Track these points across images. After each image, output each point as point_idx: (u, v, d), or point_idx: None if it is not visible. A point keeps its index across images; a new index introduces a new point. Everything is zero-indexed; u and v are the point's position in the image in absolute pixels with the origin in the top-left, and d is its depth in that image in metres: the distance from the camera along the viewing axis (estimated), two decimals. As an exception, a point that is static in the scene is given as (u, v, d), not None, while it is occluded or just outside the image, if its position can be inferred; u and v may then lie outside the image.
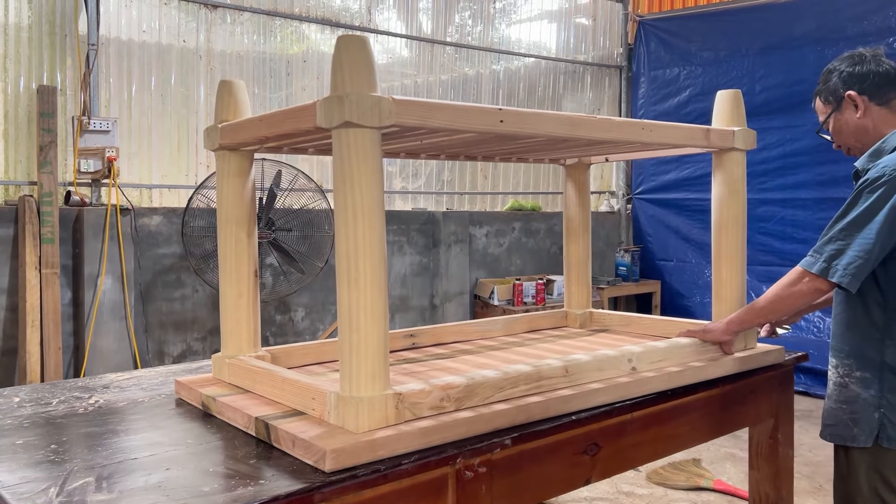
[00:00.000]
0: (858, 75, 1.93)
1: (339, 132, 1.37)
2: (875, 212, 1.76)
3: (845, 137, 2.00)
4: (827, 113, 2.01)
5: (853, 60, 1.96)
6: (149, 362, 4.50)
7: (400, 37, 5.99)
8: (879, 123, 1.93)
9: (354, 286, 1.39)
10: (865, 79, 1.92)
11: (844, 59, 1.98)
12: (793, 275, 1.87)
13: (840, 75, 1.96)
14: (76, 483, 1.26)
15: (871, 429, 1.86)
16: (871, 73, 1.92)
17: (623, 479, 3.78)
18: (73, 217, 4.30)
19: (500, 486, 1.51)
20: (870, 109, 1.93)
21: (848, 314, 1.92)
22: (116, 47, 4.68)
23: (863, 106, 1.93)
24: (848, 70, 1.95)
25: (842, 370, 1.93)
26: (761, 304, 1.93)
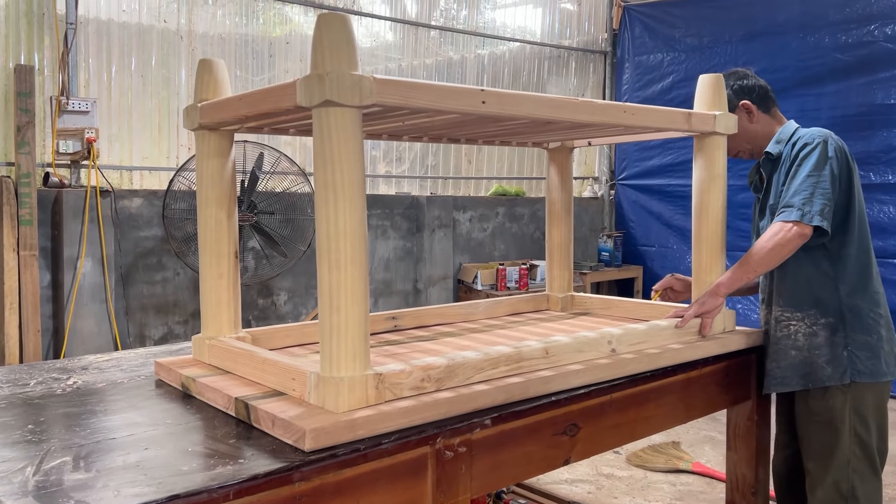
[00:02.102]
0: (747, 88, 2.27)
1: (319, 111, 1.36)
2: (821, 166, 2.03)
3: (738, 141, 2.26)
4: None
5: (738, 76, 2.29)
6: (130, 345, 4.47)
7: (384, 19, 5.94)
8: (766, 127, 2.27)
9: (335, 266, 1.39)
10: (753, 91, 2.27)
11: (730, 76, 2.28)
12: (773, 229, 2.02)
13: (731, 88, 2.25)
14: (53, 462, 1.25)
15: (843, 367, 2.07)
16: (756, 86, 2.27)
17: (603, 461, 3.82)
18: (51, 199, 4.25)
19: (480, 466, 1.52)
20: (758, 116, 2.27)
21: (803, 269, 2.12)
22: (96, 27, 4.60)
23: (755, 113, 2.26)
24: (739, 84, 2.27)
25: (808, 321, 2.12)
26: (749, 258, 2.05)
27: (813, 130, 2.16)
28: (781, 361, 2.16)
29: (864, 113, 5.42)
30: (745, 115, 2.25)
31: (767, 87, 2.31)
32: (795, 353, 2.13)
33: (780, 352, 2.16)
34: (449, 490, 1.46)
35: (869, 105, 5.39)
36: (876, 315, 2.13)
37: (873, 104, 5.37)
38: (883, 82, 5.33)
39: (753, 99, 2.27)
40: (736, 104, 2.26)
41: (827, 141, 2.09)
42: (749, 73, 2.33)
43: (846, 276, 2.11)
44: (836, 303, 2.10)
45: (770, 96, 2.32)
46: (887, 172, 5.32)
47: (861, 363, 2.08)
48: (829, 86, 5.58)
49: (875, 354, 2.10)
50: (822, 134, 2.12)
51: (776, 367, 2.17)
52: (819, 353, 2.10)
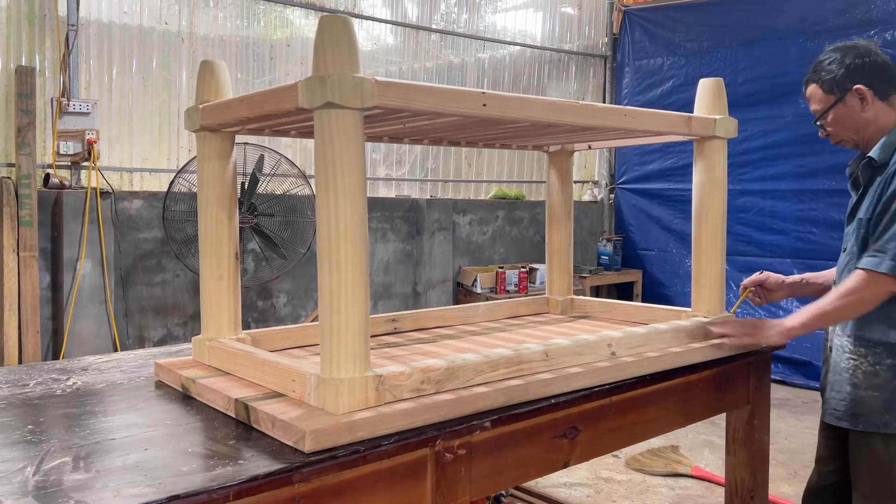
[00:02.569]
0: (867, 69, 1.93)
1: (320, 113, 1.37)
2: None
3: (844, 130, 2.00)
4: (828, 103, 1.98)
5: (858, 52, 1.94)
6: (129, 347, 4.47)
7: (385, 22, 5.95)
8: (880, 117, 1.95)
9: (336, 268, 1.39)
10: (872, 73, 1.93)
11: (848, 50, 1.96)
12: (860, 279, 1.81)
13: (847, 67, 1.94)
14: (53, 463, 1.25)
15: None
16: (876, 68, 1.94)
17: (602, 465, 3.82)
18: (51, 200, 4.25)
19: (480, 469, 1.52)
20: (874, 104, 1.94)
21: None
22: (97, 29, 4.61)
23: (869, 100, 1.94)
24: (856, 63, 1.93)
25: (871, 358, 1.90)
26: (829, 309, 1.84)
27: None
28: (837, 395, 1.98)
29: (863, 118, 5.42)
30: (857, 101, 1.95)
31: (890, 69, 1.98)
32: (851, 391, 1.94)
33: (838, 384, 1.97)
34: (448, 492, 1.46)
35: (868, 110, 5.39)
36: None
37: (873, 109, 5.37)
38: (882, 88, 5.33)
39: (872, 82, 1.94)
40: (848, 87, 1.95)
41: None
42: (872, 47, 1.98)
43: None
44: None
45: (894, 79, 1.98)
46: (886, 177, 5.32)
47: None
48: (828, 91, 5.59)
49: None
50: None
51: (832, 398, 2.00)
52: (878, 396, 1.90)
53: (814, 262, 5.61)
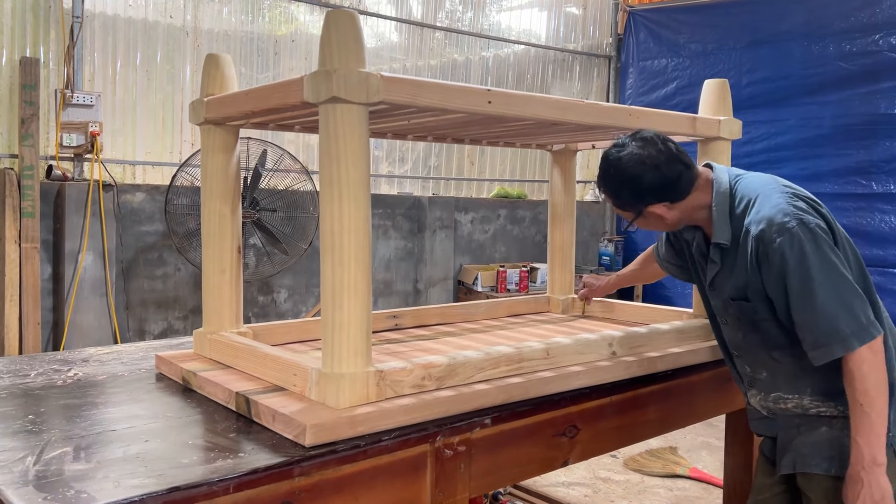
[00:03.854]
0: (653, 188, 1.66)
1: (326, 107, 1.37)
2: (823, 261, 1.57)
3: (659, 229, 1.80)
4: (630, 217, 1.75)
5: (643, 171, 1.66)
6: (129, 340, 4.47)
7: (390, 19, 5.95)
8: (692, 207, 1.72)
9: (339, 263, 1.39)
10: (662, 189, 1.67)
11: (632, 172, 1.66)
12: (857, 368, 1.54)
13: (633, 191, 1.68)
14: (54, 453, 1.25)
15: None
16: (665, 181, 1.66)
17: (600, 465, 3.82)
18: (54, 191, 4.25)
19: (479, 465, 1.52)
20: (674, 208, 1.71)
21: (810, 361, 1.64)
22: (102, 21, 4.61)
23: (665, 210, 1.70)
24: (641, 186, 1.66)
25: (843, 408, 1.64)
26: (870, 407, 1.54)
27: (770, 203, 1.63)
28: (807, 437, 1.69)
29: (867, 122, 5.42)
30: (656, 215, 1.71)
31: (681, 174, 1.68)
32: (826, 431, 1.67)
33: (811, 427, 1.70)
34: (447, 489, 1.46)
35: (872, 114, 5.39)
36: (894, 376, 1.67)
37: (876, 113, 5.37)
38: (886, 92, 5.33)
39: (664, 196, 1.68)
40: (641, 209, 1.70)
41: (801, 218, 1.59)
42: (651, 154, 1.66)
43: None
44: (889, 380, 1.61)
45: (686, 173, 1.69)
46: (889, 182, 5.33)
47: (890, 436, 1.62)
48: (832, 94, 5.59)
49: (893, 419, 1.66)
50: (783, 210, 1.61)
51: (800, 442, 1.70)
52: None
53: (815, 265, 5.61)
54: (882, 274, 5.33)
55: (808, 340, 1.58)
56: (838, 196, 5.55)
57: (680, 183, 1.68)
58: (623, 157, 1.67)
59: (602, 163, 1.73)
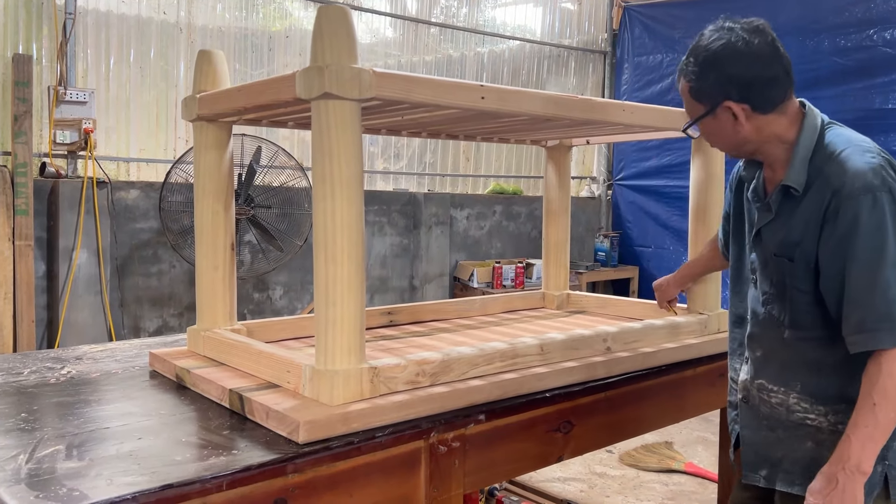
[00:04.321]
0: (742, 81, 1.48)
1: (318, 103, 1.36)
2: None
3: (720, 144, 1.60)
4: (697, 113, 1.55)
5: (741, 60, 1.47)
6: (124, 337, 4.46)
7: (384, 15, 5.93)
8: (768, 129, 1.52)
9: (332, 260, 1.39)
10: (749, 86, 1.48)
11: (730, 55, 1.48)
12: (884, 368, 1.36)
13: (719, 77, 1.49)
14: (46, 450, 1.25)
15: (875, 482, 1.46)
16: (756, 79, 1.48)
17: (596, 460, 3.83)
18: (48, 189, 4.23)
19: (473, 461, 1.52)
20: (752, 119, 1.50)
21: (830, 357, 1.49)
22: (94, 18, 4.59)
23: (743, 116, 1.50)
24: (729, 73, 1.48)
25: (833, 417, 1.50)
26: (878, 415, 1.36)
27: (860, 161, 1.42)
28: (792, 452, 1.54)
29: (861, 117, 5.43)
30: (729, 117, 1.51)
31: (779, 77, 1.50)
32: (812, 448, 1.51)
33: (795, 439, 1.54)
34: (442, 484, 1.46)
35: (867, 109, 5.40)
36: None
37: (871, 108, 5.38)
38: (881, 87, 5.34)
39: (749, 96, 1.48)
40: (719, 101, 1.49)
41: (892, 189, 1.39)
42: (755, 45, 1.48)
43: None
44: None
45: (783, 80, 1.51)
46: (884, 177, 5.34)
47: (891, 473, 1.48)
48: (827, 90, 5.59)
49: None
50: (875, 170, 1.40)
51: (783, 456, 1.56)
52: None
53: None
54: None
55: (854, 320, 1.38)
56: (833, 191, 5.56)
57: (773, 89, 1.48)
58: (726, 38, 1.48)
59: (698, 40, 1.52)
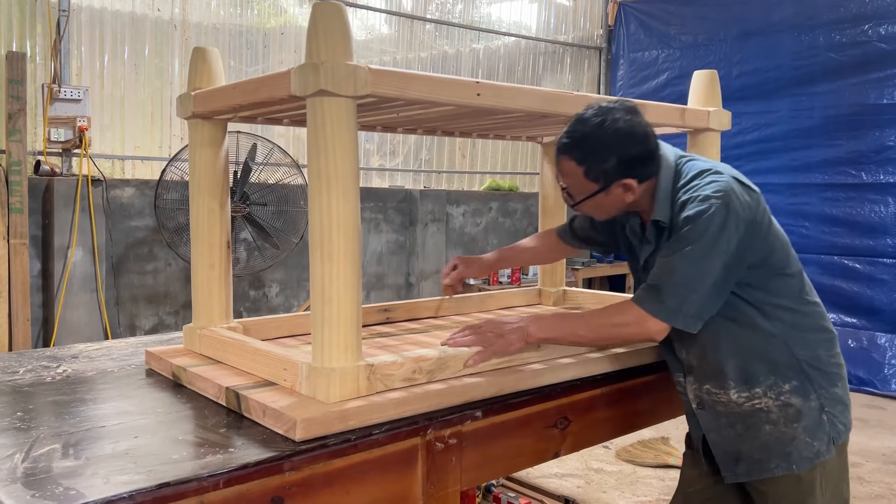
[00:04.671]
0: (631, 160, 1.60)
1: (313, 101, 1.36)
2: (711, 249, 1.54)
3: (604, 214, 1.72)
4: (589, 191, 1.64)
5: (632, 141, 1.59)
6: (120, 335, 4.46)
7: (380, 11, 5.92)
8: (642, 194, 1.66)
9: (328, 257, 1.39)
10: (637, 163, 1.61)
11: (621, 137, 1.58)
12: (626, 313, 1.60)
13: (618, 158, 1.58)
14: (42, 450, 1.24)
15: (827, 434, 1.63)
16: (641, 156, 1.61)
17: (593, 455, 3.84)
18: (42, 187, 4.22)
19: (470, 458, 1.53)
20: (638, 189, 1.64)
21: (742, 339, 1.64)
22: (88, 15, 4.57)
23: (634, 188, 1.63)
24: (621, 154, 1.58)
25: (773, 392, 1.63)
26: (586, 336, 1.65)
27: (709, 179, 1.60)
28: (755, 441, 1.65)
29: (856, 113, 5.44)
30: (621, 192, 1.63)
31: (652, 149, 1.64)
32: (771, 429, 1.64)
33: (753, 428, 1.65)
34: (439, 482, 1.46)
35: (862, 105, 5.41)
36: (835, 358, 1.69)
37: (866, 104, 5.40)
38: (876, 82, 5.35)
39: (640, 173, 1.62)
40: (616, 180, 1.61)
41: (728, 201, 1.54)
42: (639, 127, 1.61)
43: (792, 328, 1.64)
44: (793, 362, 1.63)
45: (657, 151, 1.66)
46: (878, 172, 5.35)
47: (839, 421, 1.66)
48: (822, 85, 5.61)
49: (845, 402, 1.69)
50: (723, 186, 1.57)
51: (750, 447, 1.66)
52: (798, 428, 1.62)
53: (805, 255, 5.63)
54: (872, 263, 5.36)
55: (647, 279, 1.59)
56: (829, 186, 5.58)
57: (652, 163, 1.64)
58: (612, 122, 1.57)
59: (580, 125, 1.60)
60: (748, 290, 1.62)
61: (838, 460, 1.69)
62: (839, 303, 5.48)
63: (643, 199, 1.68)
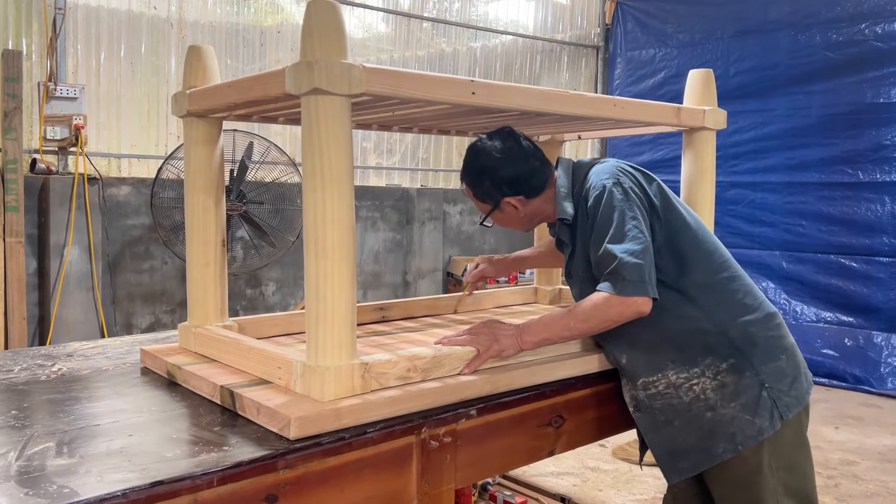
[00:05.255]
0: (511, 179, 1.74)
1: (308, 99, 1.36)
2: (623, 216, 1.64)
3: (514, 226, 1.87)
4: (486, 210, 1.82)
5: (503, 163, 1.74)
6: (116, 334, 4.45)
7: (377, 10, 5.92)
8: (542, 204, 1.80)
9: (322, 255, 1.39)
10: (516, 181, 1.75)
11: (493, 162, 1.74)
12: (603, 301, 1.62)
13: (493, 180, 1.75)
14: (36, 448, 1.24)
15: (769, 410, 1.65)
16: (519, 175, 1.75)
17: (589, 454, 3.84)
18: (38, 185, 4.21)
19: (465, 456, 1.53)
20: (529, 204, 1.78)
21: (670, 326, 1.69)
22: (84, 13, 4.56)
23: (521, 205, 1.78)
24: (500, 176, 1.74)
25: (710, 372, 1.67)
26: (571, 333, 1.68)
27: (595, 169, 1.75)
28: (696, 430, 1.69)
29: (853, 111, 5.45)
30: (512, 208, 1.79)
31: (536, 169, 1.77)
32: (712, 415, 1.67)
33: (694, 420, 1.68)
34: (434, 480, 1.47)
35: (858, 103, 5.42)
36: (773, 331, 1.71)
37: (863, 102, 5.40)
38: (872, 81, 5.36)
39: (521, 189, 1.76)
40: (499, 199, 1.77)
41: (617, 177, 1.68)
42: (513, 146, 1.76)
43: (717, 307, 1.68)
44: (724, 340, 1.67)
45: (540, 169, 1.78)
46: (875, 171, 5.36)
47: (787, 395, 1.67)
48: (819, 84, 5.61)
49: (793, 376, 1.70)
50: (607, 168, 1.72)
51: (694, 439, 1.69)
52: (738, 406, 1.65)
53: (802, 254, 5.65)
54: (869, 262, 5.37)
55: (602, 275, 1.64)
56: (825, 185, 5.58)
57: (534, 179, 1.77)
58: (486, 148, 1.76)
59: (466, 154, 1.81)
60: (667, 275, 1.68)
61: (791, 434, 1.69)
62: (835, 301, 5.49)
63: (546, 209, 1.82)
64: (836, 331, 5.46)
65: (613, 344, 1.77)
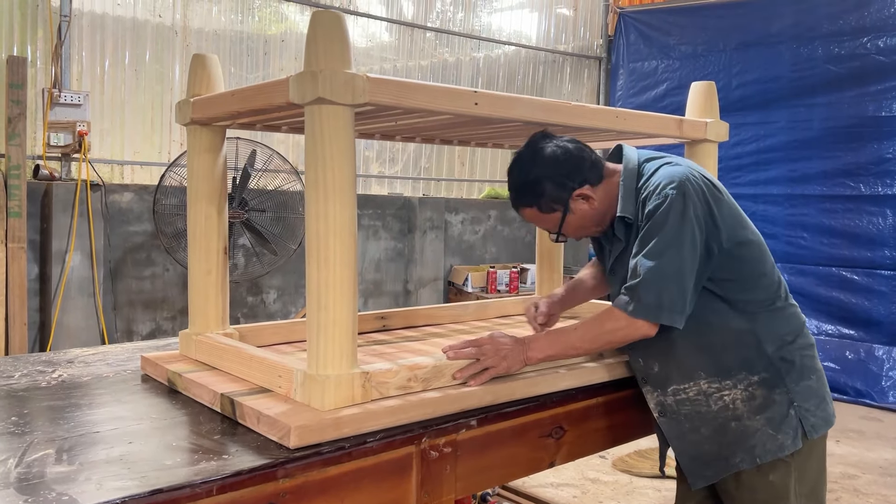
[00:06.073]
0: (571, 171, 1.69)
1: (311, 108, 1.36)
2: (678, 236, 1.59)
3: (588, 229, 1.78)
4: (557, 220, 1.73)
5: (555, 159, 1.69)
6: (117, 340, 4.45)
7: (381, 20, 5.94)
8: (607, 196, 1.73)
9: (324, 264, 1.39)
10: (577, 170, 1.69)
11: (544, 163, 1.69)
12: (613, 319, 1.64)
13: (554, 180, 1.68)
14: (36, 455, 1.24)
15: (794, 428, 1.64)
16: (581, 162, 1.70)
17: (589, 465, 3.83)
18: (41, 191, 4.22)
19: (465, 467, 1.52)
20: (596, 191, 1.72)
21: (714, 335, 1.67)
22: (90, 20, 4.59)
23: (591, 193, 1.71)
24: (559, 172, 1.68)
25: (742, 386, 1.66)
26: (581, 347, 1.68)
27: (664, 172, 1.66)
28: (722, 438, 1.68)
29: (854, 125, 5.46)
30: (581, 202, 1.71)
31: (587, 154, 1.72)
32: (736, 425, 1.66)
33: (720, 429, 1.68)
34: (433, 490, 1.46)
35: (860, 117, 5.43)
36: (807, 349, 1.71)
37: (864, 116, 5.41)
38: (874, 94, 5.37)
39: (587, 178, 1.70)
40: (567, 198, 1.69)
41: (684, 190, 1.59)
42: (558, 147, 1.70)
43: (763, 323, 1.67)
44: (762, 356, 1.66)
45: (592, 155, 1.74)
46: (877, 184, 5.37)
47: (813, 415, 1.66)
48: (820, 97, 5.63)
49: (822, 397, 1.70)
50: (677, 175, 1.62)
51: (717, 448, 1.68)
52: (762, 420, 1.65)
53: (804, 266, 5.64)
54: (870, 275, 5.37)
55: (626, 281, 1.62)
56: (827, 198, 5.59)
57: (591, 165, 1.71)
58: (532, 156, 1.71)
59: (512, 173, 1.74)
60: (723, 288, 1.65)
61: (816, 459, 1.70)
62: (837, 314, 5.49)
63: (609, 201, 1.73)
64: (838, 344, 5.45)
65: (645, 352, 1.74)
